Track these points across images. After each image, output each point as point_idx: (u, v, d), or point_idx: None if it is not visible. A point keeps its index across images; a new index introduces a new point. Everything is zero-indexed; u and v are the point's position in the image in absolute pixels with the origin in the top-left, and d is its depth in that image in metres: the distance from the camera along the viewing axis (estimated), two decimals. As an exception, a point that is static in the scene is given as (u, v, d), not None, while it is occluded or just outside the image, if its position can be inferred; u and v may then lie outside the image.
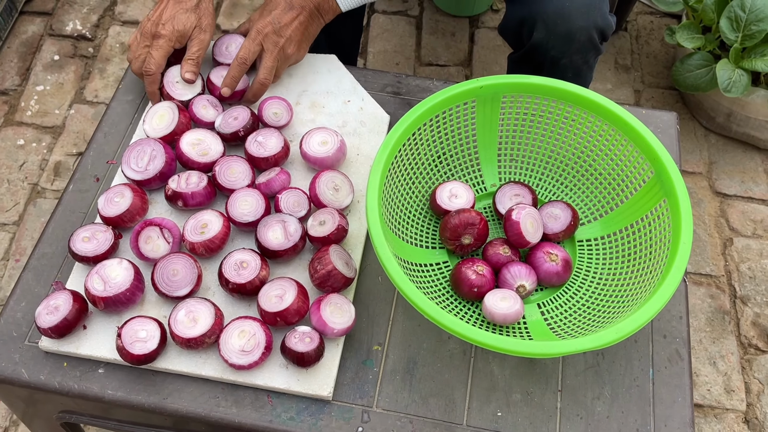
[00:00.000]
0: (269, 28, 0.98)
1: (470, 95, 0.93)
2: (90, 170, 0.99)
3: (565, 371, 0.86)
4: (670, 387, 0.85)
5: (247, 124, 0.97)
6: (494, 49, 1.90)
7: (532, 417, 0.82)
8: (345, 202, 0.93)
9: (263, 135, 0.96)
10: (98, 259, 0.86)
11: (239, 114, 0.98)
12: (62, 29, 1.88)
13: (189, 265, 0.85)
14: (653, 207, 0.87)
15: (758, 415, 1.38)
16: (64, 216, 0.95)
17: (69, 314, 0.81)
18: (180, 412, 0.82)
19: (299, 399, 0.82)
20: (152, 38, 0.98)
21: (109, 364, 0.84)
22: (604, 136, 0.92)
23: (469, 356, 0.86)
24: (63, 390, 0.83)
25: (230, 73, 0.99)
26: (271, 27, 0.98)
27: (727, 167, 1.70)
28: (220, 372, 0.82)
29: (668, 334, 0.88)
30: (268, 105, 1.00)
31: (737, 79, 1.52)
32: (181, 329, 0.81)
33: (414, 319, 0.89)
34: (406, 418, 0.82)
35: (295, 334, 0.81)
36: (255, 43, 0.98)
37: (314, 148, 0.95)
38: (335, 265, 0.85)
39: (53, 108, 1.74)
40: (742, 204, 1.65)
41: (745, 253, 1.57)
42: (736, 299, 1.51)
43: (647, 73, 1.86)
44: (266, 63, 0.99)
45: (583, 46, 1.10)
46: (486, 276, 0.86)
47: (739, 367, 1.43)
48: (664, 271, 0.79)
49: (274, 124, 0.99)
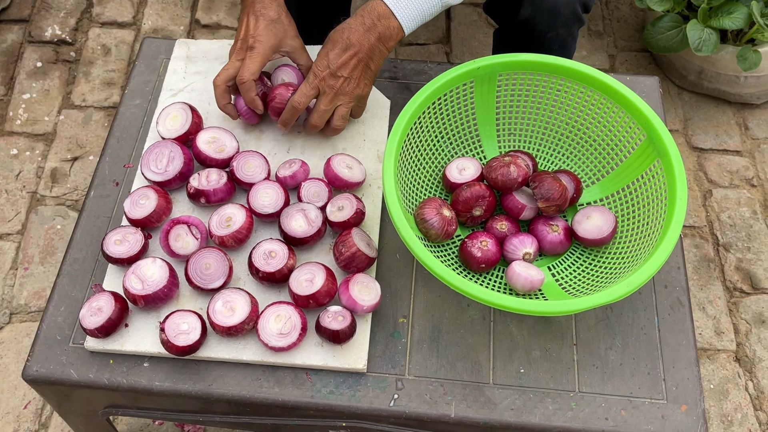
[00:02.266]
0: (326, 72, 0.96)
1: (468, 76, 0.98)
2: (108, 175, 1.03)
3: (578, 326, 0.93)
4: (675, 332, 0.92)
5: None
6: (471, 24, 1.95)
7: (552, 371, 0.89)
8: (360, 178, 0.98)
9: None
10: (131, 260, 0.90)
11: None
12: (41, 35, 1.88)
13: (220, 258, 0.90)
14: (647, 168, 0.94)
15: (747, 353, 1.47)
16: (90, 221, 0.99)
17: (113, 314, 0.86)
18: (226, 396, 0.87)
19: (336, 374, 0.88)
20: (247, 51, 0.98)
21: (153, 358, 0.89)
22: (596, 105, 0.98)
23: (489, 320, 0.93)
24: (113, 386, 0.87)
25: (283, 116, 0.99)
26: (327, 70, 0.95)
27: (702, 122, 1.79)
28: (260, 355, 0.88)
29: (669, 284, 0.96)
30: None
31: (707, 38, 1.59)
32: (220, 319, 0.86)
33: (434, 291, 0.95)
34: (437, 382, 0.88)
35: (327, 314, 0.87)
36: (310, 86, 0.96)
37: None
38: (359, 246, 0.90)
39: (42, 115, 1.75)
40: (718, 156, 1.73)
41: (724, 203, 1.66)
42: (719, 247, 1.60)
43: (619, 38, 1.93)
44: (319, 106, 0.98)
45: (568, 19, 1.15)
46: (491, 249, 0.92)
47: (726, 310, 1.52)
48: (664, 225, 0.86)
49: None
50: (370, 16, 0.96)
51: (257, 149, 1.03)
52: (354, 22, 0.96)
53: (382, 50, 0.97)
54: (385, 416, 0.87)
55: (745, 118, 1.80)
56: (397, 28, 0.96)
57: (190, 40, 1.15)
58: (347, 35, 0.95)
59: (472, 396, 0.87)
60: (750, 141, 1.76)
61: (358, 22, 0.96)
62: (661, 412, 0.86)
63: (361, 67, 0.96)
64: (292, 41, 1.02)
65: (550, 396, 0.87)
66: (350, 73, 0.96)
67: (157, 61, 1.14)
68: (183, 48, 1.13)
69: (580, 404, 0.87)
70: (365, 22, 0.96)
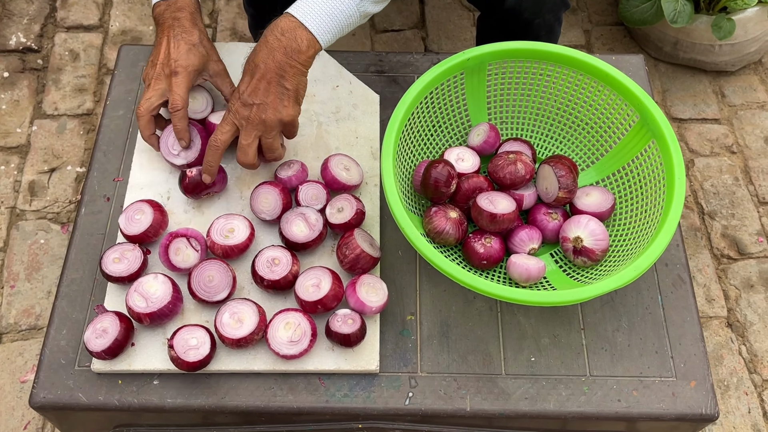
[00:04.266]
0: (237, 104, 0.89)
1: (458, 68, 0.97)
2: (98, 191, 1.00)
3: (584, 311, 0.93)
4: (678, 309, 0.94)
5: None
6: (445, 8, 1.93)
7: (563, 357, 0.90)
8: (357, 180, 0.97)
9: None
10: (132, 278, 0.89)
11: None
12: (5, 44, 1.82)
13: (223, 270, 0.89)
14: (642, 148, 0.94)
15: (739, 318, 1.51)
16: (84, 240, 0.97)
17: (119, 335, 0.84)
18: (240, 408, 0.86)
19: (349, 377, 0.88)
20: (168, 77, 0.93)
21: (162, 375, 0.87)
22: (587, 89, 0.98)
23: (496, 311, 0.93)
24: (123, 406, 0.86)
25: (206, 159, 0.92)
26: (238, 102, 0.89)
27: (679, 93, 1.80)
28: (271, 364, 0.87)
29: (669, 262, 0.97)
30: None
31: (681, 9, 1.60)
32: (229, 331, 0.85)
33: (439, 286, 0.95)
34: (450, 377, 0.89)
35: (337, 318, 0.86)
36: (227, 123, 0.90)
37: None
38: (362, 247, 0.89)
39: (14, 127, 1.71)
40: (697, 126, 1.75)
41: (706, 171, 1.68)
42: (704, 215, 1.63)
43: (593, 12, 1.93)
44: (242, 141, 0.91)
45: (555, 4, 1.15)
46: (494, 246, 0.91)
47: (715, 277, 1.55)
48: (665, 206, 0.87)
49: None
50: (273, 33, 0.88)
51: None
52: (258, 45, 0.89)
53: (295, 65, 0.87)
54: (401, 415, 0.87)
55: (721, 86, 1.82)
56: (308, 39, 0.88)
57: (169, 45, 1.11)
58: (251, 58, 0.89)
59: (486, 388, 0.88)
60: (727, 108, 1.79)
61: (260, 43, 0.89)
62: (671, 389, 0.88)
63: (273, 89, 0.88)
64: (215, 65, 0.99)
65: (563, 382, 0.88)
66: (262, 98, 0.88)
67: (136, 69, 1.11)
68: (163, 54, 1.10)
69: (592, 388, 0.88)
70: (268, 40, 0.88)
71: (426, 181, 0.93)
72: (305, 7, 0.88)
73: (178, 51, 0.94)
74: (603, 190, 0.95)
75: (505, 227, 0.91)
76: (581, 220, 0.91)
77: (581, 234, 0.90)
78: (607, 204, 0.94)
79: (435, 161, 0.93)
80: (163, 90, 0.94)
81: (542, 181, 0.95)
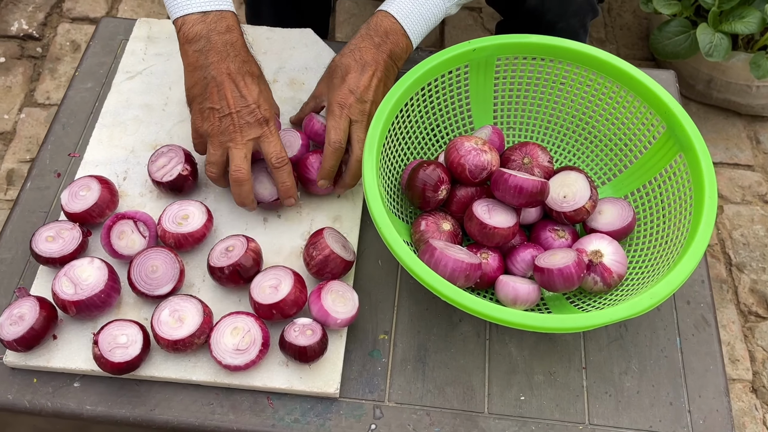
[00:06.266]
0: (351, 98, 0.81)
1: (462, 59, 0.86)
2: (49, 165, 0.90)
3: (587, 347, 0.79)
4: (700, 355, 0.79)
5: None
6: (466, 29, 1.84)
7: (558, 398, 0.76)
8: None
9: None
10: (65, 260, 0.77)
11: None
12: (7, 29, 1.76)
13: (170, 260, 0.77)
14: (668, 164, 0.81)
15: (765, 383, 1.34)
16: (23, 217, 0.86)
17: (36, 323, 0.72)
18: (171, 423, 0.73)
19: (303, 399, 0.74)
20: (260, 125, 0.77)
21: (86, 377, 0.75)
22: (607, 94, 0.86)
23: (484, 338, 0.80)
24: (35, 409, 0.73)
25: (327, 162, 0.81)
26: (352, 96, 0.81)
27: (711, 135, 1.67)
28: (213, 375, 0.74)
29: (692, 300, 0.83)
30: None
31: (718, 42, 1.49)
32: (166, 330, 0.72)
33: (421, 303, 0.81)
34: (422, 411, 0.75)
35: (294, 326, 0.73)
36: (343, 119, 0.81)
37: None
38: (332, 248, 0.77)
39: (2, 113, 1.62)
40: (728, 171, 1.62)
41: (736, 220, 1.54)
42: (732, 267, 1.48)
43: (622, 46, 1.83)
44: (359, 136, 0.82)
45: (580, 7, 1.04)
46: (490, 263, 0.78)
47: (741, 335, 1.40)
48: (691, 228, 0.74)
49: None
50: (378, 32, 0.84)
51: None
52: (362, 42, 0.84)
53: (394, 69, 0.86)
54: (359, 450, 0.73)
55: (757, 131, 1.69)
56: (407, 45, 0.85)
57: (152, 19, 1.02)
58: (359, 55, 0.83)
59: (463, 427, 0.73)
60: (762, 155, 1.65)
61: (366, 41, 0.84)
62: (687, 449, 0.73)
63: (381, 87, 0.83)
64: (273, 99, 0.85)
65: (555, 428, 0.74)
66: (374, 96, 0.82)
67: (114, 42, 1.02)
68: (144, 28, 1.01)
69: (591, 439, 0.73)
70: (374, 39, 0.84)
71: (412, 182, 0.81)
72: (405, 9, 0.84)
73: (250, 90, 0.78)
74: (613, 201, 0.83)
75: (497, 242, 0.78)
76: (604, 237, 0.78)
77: (602, 249, 0.77)
78: (628, 217, 0.81)
79: (426, 162, 0.81)
80: (255, 143, 0.78)
81: (560, 189, 0.82)
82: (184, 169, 0.83)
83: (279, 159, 0.78)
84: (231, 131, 0.77)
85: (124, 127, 0.91)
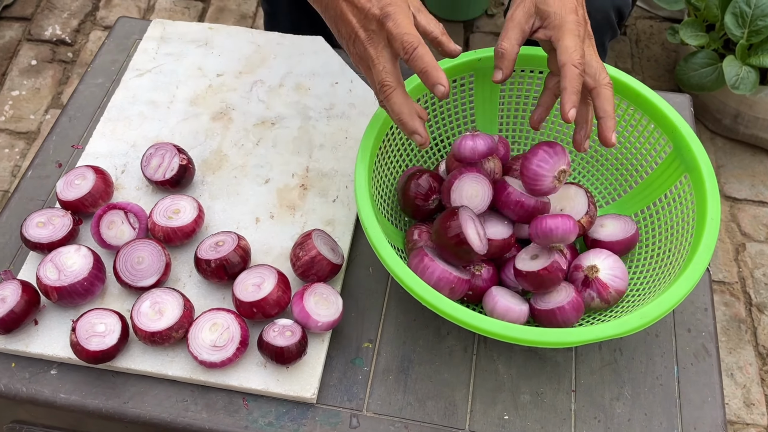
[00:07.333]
0: (581, 11, 0.73)
1: (467, 69, 0.85)
2: (52, 156, 0.91)
3: (579, 369, 0.76)
4: (698, 386, 0.75)
5: None
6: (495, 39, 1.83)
7: (544, 420, 0.72)
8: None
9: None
10: (53, 246, 0.77)
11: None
12: (41, 34, 1.81)
13: (156, 252, 0.76)
14: (673, 185, 0.78)
15: (782, 430, 1.28)
16: (21, 204, 0.86)
17: (16, 306, 0.72)
18: (142, 417, 0.71)
19: (279, 402, 0.72)
20: (381, 27, 0.67)
21: (63, 365, 0.74)
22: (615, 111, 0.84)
23: (471, 353, 0.77)
24: (9, 394, 0.72)
25: (572, 88, 0.69)
26: (581, 9, 0.73)
27: (736, 170, 1.63)
28: (189, 372, 0.72)
29: (693, 328, 0.79)
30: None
31: (745, 75, 1.45)
32: (144, 322, 0.71)
33: (409, 313, 0.79)
34: (400, 423, 0.72)
35: (274, 327, 0.72)
36: (578, 38, 0.71)
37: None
38: (319, 250, 0.75)
39: (28, 113, 1.66)
40: (753, 208, 1.57)
41: (758, 258, 1.49)
42: (752, 307, 1.42)
43: (648, 77, 1.80)
44: (598, 56, 0.74)
45: (600, 25, 1.01)
46: (483, 276, 0.76)
47: (758, 378, 1.33)
48: (690, 250, 0.70)
49: None
50: None
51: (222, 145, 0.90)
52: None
53: None
54: (332, 459, 0.70)
55: (784, 169, 1.64)
56: None
57: (167, 20, 1.04)
58: (572, 7, 0.72)
59: (441, 443, 0.71)
60: (789, 194, 1.60)
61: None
62: (678, 484, 0.69)
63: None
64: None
65: (539, 452, 0.70)
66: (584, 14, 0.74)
67: (128, 41, 1.03)
68: (158, 28, 1.02)
69: (575, 465, 0.70)
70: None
71: (405, 191, 0.79)
72: None
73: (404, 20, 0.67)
74: (614, 217, 0.80)
75: (492, 254, 0.76)
76: (601, 252, 0.76)
77: (599, 264, 0.74)
78: (631, 230, 0.78)
79: (419, 170, 0.80)
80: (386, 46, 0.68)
81: (559, 202, 0.80)
82: (182, 159, 0.83)
83: (405, 49, 0.66)
84: (364, 52, 0.69)
85: (128, 121, 0.92)
